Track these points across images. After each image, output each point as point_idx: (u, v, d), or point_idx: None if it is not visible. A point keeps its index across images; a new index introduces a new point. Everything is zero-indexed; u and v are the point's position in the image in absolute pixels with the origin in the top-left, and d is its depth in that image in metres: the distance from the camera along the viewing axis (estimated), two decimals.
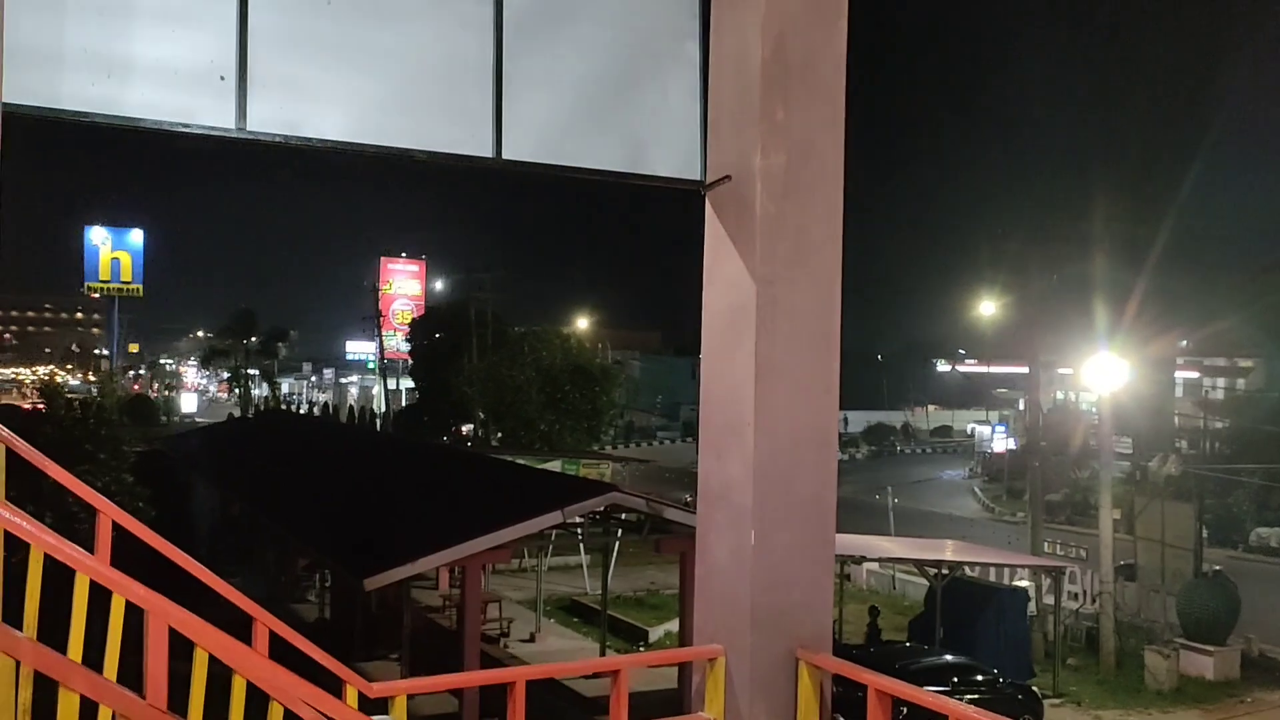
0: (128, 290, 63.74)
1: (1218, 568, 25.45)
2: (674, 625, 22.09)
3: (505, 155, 5.97)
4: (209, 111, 5.29)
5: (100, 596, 4.07)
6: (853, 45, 6.15)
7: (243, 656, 3.93)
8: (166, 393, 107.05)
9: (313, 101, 5.51)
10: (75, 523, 14.09)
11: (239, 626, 4.64)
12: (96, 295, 70.39)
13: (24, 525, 3.48)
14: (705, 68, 6.36)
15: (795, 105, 5.89)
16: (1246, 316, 47.82)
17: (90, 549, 4.40)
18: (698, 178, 6.38)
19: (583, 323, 69.30)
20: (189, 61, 5.22)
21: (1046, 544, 29.42)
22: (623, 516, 19.67)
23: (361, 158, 5.88)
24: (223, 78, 5.27)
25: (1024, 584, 25.03)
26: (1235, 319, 48.77)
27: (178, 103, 5.22)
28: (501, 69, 5.92)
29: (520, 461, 27.35)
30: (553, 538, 20.91)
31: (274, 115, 5.42)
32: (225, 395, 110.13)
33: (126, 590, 3.63)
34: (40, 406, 23.91)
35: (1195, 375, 61.90)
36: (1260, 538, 39.30)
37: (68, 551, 3.59)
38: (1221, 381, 60.03)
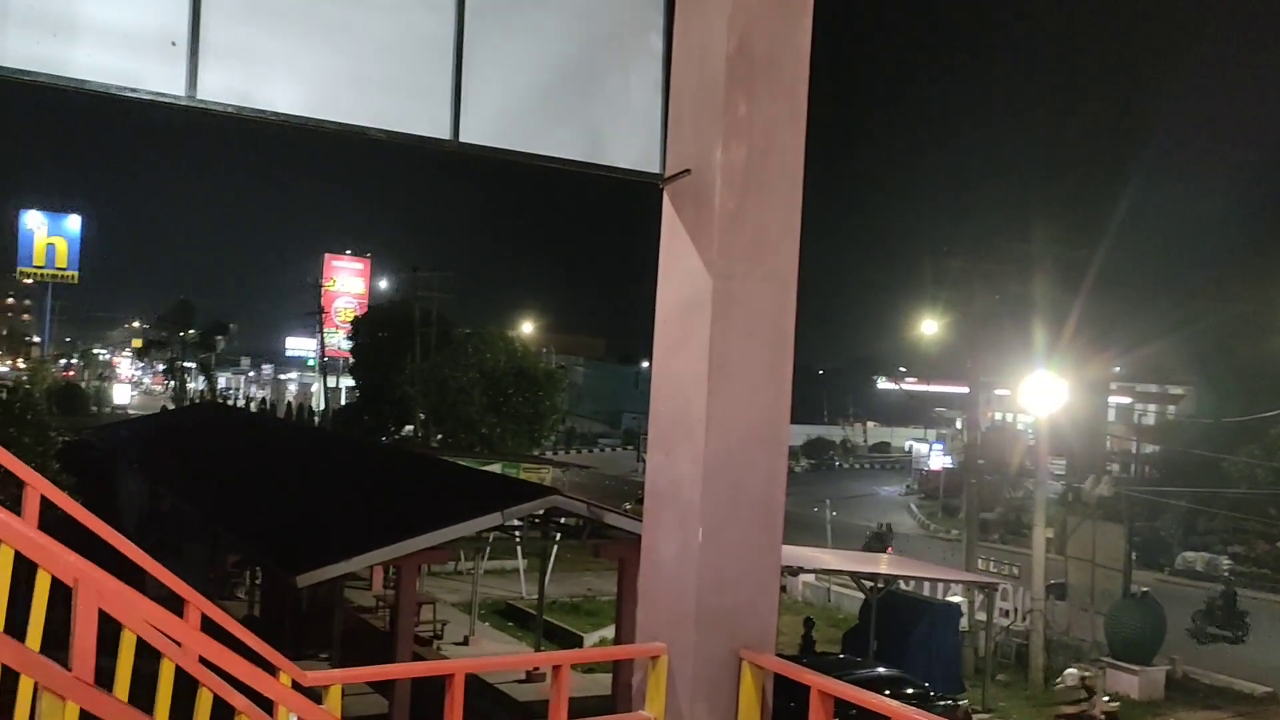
0: (62, 277, 62.27)
1: (1145, 589, 25.90)
2: (610, 631, 21.97)
3: (462, 139, 5.85)
4: (158, 77, 5.12)
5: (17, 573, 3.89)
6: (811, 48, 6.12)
7: (178, 630, 3.78)
8: (98, 383, 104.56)
9: (267, 72, 5.36)
10: None
11: (172, 608, 4.48)
12: (29, 281, 68.74)
13: None
14: (668, 60, 6.29)
15: (758, 100, 5.85)
16: (1177, 340, 49.11)
17: None
18: (657, 170, 6.31)
19: (528, 326, 68.92)
20: (139, 24, 5.05)
21: (980, 561, 29.77)
22: (562, 521, 19.54)
23: (314, 134, 5.72)
24: (174, 43, 5.11)
25: (957, 599, 25.28)
26: (1166, 342, 50.08)
27: (126, 66, 5.04)
28: (462, 51, 5.81)
29: (461, 463, 27.07)
30: (490, 540, 20.71)
31: (226, 84, 5.26)
32: (160, 387, 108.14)
33: (56, 559, 3.47)
34: None
35: (1128, 401, 63.17)
36: (1186, 561, 40.10)
37: None
38: (1153, 407, 61.35)
